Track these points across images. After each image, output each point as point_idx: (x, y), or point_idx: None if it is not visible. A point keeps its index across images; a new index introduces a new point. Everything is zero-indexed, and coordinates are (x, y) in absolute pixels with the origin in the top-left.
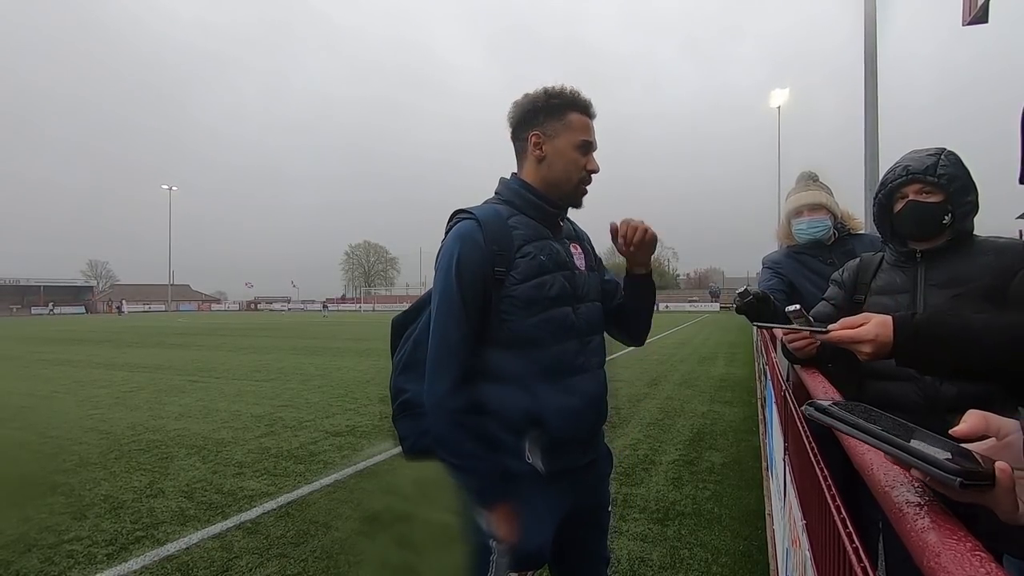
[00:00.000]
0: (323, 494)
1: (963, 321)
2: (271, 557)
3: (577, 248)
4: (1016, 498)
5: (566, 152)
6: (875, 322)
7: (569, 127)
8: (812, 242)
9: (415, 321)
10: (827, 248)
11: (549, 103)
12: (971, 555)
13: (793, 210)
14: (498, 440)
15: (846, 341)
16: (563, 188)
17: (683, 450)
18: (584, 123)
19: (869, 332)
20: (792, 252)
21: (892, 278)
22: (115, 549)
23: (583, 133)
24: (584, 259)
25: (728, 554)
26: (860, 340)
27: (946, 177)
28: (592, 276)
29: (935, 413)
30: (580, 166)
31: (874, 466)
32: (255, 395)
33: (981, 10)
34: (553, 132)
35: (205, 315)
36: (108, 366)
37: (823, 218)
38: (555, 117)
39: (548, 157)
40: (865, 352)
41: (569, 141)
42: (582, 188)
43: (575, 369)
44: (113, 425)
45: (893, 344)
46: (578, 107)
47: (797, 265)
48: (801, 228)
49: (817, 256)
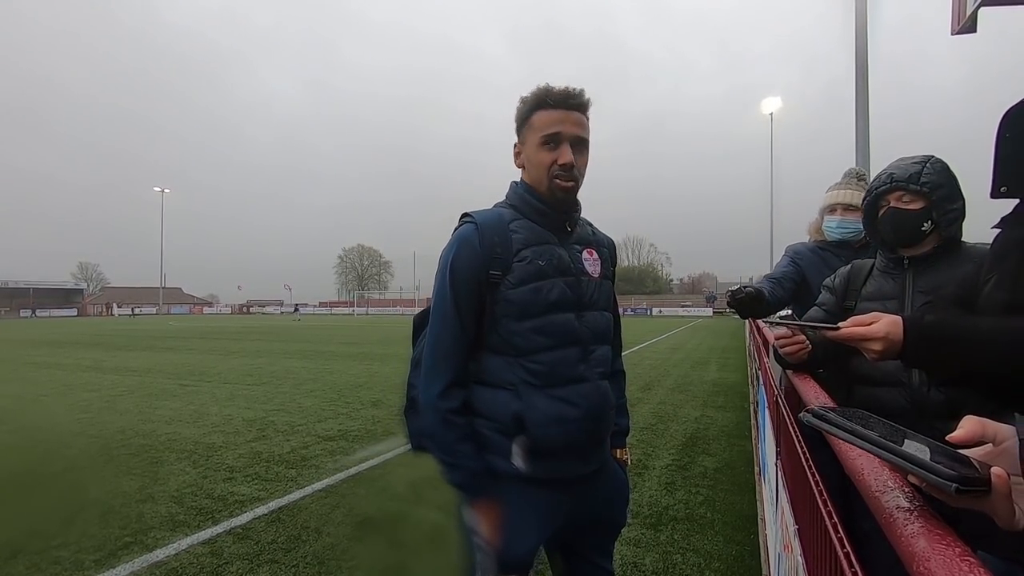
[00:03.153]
0: (315, 499)
1: (972, 323)
2: (262, 563)
3: (592, 254)
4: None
5: (533, 154)
6: (886, 321)
7: (532, 128)
8: (840, 242)
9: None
10: (854, 250)
11: (521, 110)
12: (960, 560)
13: (828, 206)
14: (486, 440)
15: (856, 339)
16: (541, 190)
17: (676, 455)
18: (549, 118)
19: (879, 331)
20: (817, 247)
21: (881, 284)
22: (103, 555)
23: (547, 127)
24: (599, 266)
25: (721, 559)
26: (871, 338)
27: (929, 185)
28: (605, 284)
29: (923, 419)
30: (548, 163)
31: (865, 471)
32: (246, 399)
33: (970, 20)
34: (523, 138)
35: (197, 318)
36: (97, 369)
37: (855, 220)
38: (524, 123)
39: (526, 164)
40: (874, 350)
41: (533, 141)
42: (557, 184)
43: (574, 377)
44: (102, 429)
45: (903, 344)
46: (544, 104)
47: (818, 261)
48: (831, 226)
49: (841, 256)
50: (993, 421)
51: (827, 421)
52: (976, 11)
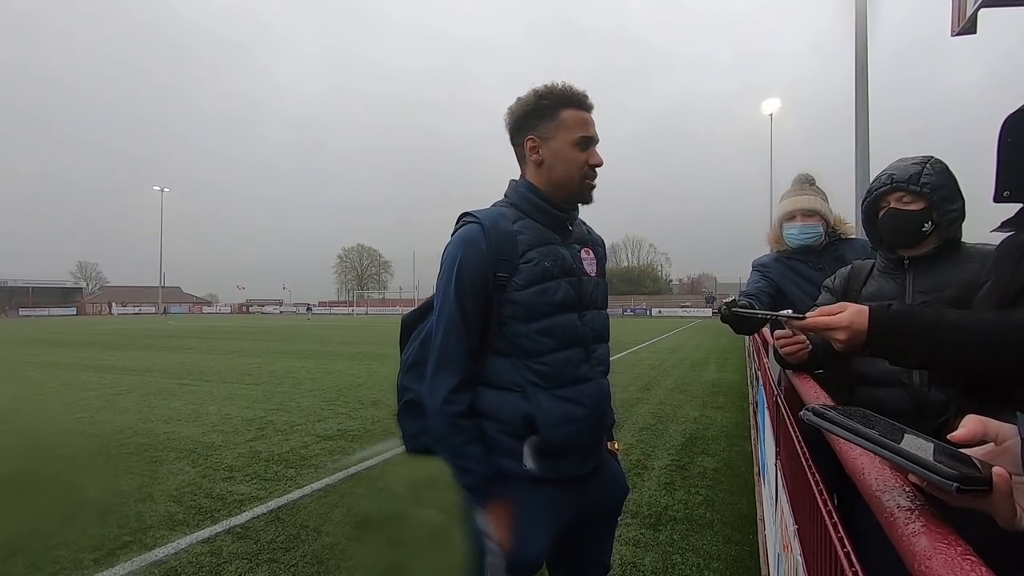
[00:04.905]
0: (314, 499)
1: (937, 315)
2: (261, 562)
3: (589, 253)
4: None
5: (564, 152)
6: (851, 311)
7: (563, 126)
8: (802, 248)
9: (423, 320)
10: (817, 253)
11: (540, 104)
12: (961, 559)
13: (786, 214)
14: (495, 442)
15: (821, 328)
16: (568, 188)
17: (675, 455)
18: (580, 118)
19: (843, 320)
20: (782, 257)
21: (881, 285)
22: (102, 555)
23: (580, 129)
24: (596, 265)
25: (720, 559)
26: (834, 327)
27: (929, 186)
28: (601, 283)
29: (924, 419)
30: (581, 163)
31: (865, 471)
32: (246, 398)
33: (969, 21)
34: (548, 134)
35: (196, 317)
36: (96, 368)
37: (815, 224)
38: (548, 118)
39: (547, 160)
40: (839, 339)
41: (566, 140)
42: (587, 184)
43: (578, 377)
44: (101, 428)
45: (867, 333)
46: (571, 103)
47: (786, 270)
48: (792, 233)
49: (806, 261)
50: (995, 420)
51: (828, 419)
52: (976, 12)
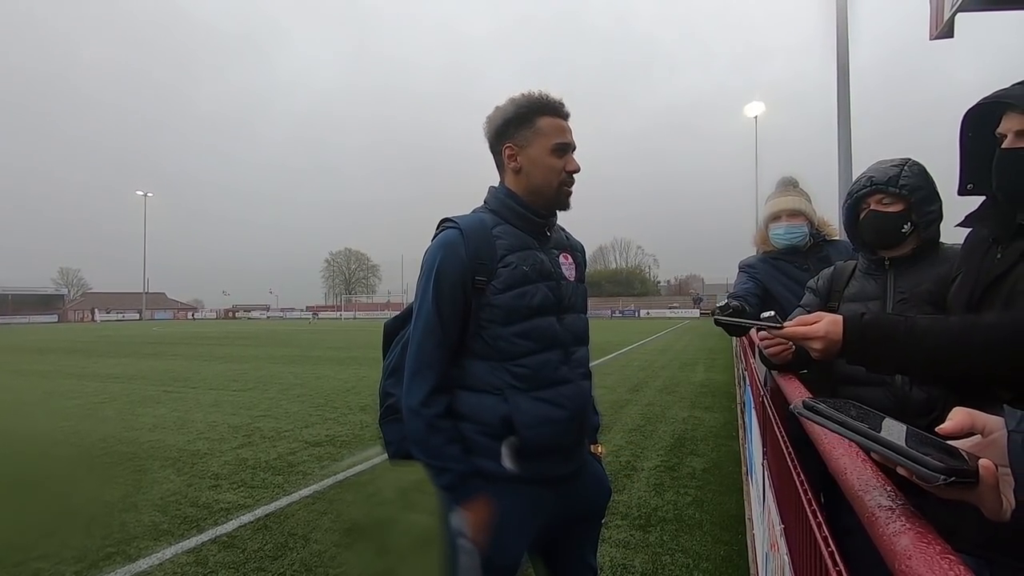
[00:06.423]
0: (302, 506)
1: (908, 323)
2: (248, 572)
3: (568, 258)
4: (1000, 495)
5: (541, 159)
6: (827, 320)
7: (540, 133)
8: (788, 248)
9: (405, 326)
10: (803, 254)
11: (517, 112)
12: (940, 558)
13: (771, 215)
14: (474, 443)
15: (798, 337)
16: (546, 194)
17: (664, 456)
18: (556, 125)
19: (819, 330)
20: (768, 257)
21: (863, 286)
22: (84, 566)
23: (556, 136)
24: (575, 270)
25: (709, 559)
26: (811, 337)
27: (908, 188)
28: (580, 287)
29: (906, 417)
30: (558, 169)
31: (847, 470)
32: (232, 405)
33: (947, 26)
34: (525, 141)
35: (181, 323)
36: (79, 376)
37: (800, 224)
38: (525, 126)
39: (525, 167)
40: (816, 348)
41: (543, 147)
42: (564, 190)
43: (557, 379)
44: (84, 437)
45: (842, 342)
46: (547, 111)
47: (772, 270)
48: (778, 234)
49: (793, 262)
50: (982, 413)
51: (817, 412)
52: (953, 17)
